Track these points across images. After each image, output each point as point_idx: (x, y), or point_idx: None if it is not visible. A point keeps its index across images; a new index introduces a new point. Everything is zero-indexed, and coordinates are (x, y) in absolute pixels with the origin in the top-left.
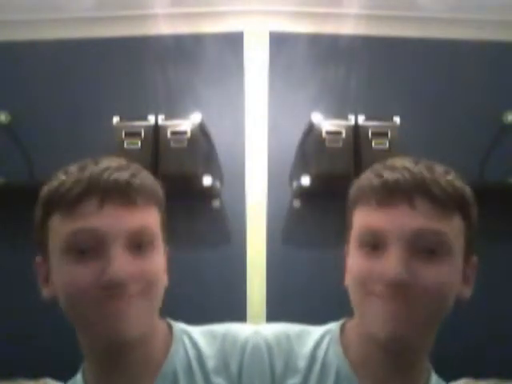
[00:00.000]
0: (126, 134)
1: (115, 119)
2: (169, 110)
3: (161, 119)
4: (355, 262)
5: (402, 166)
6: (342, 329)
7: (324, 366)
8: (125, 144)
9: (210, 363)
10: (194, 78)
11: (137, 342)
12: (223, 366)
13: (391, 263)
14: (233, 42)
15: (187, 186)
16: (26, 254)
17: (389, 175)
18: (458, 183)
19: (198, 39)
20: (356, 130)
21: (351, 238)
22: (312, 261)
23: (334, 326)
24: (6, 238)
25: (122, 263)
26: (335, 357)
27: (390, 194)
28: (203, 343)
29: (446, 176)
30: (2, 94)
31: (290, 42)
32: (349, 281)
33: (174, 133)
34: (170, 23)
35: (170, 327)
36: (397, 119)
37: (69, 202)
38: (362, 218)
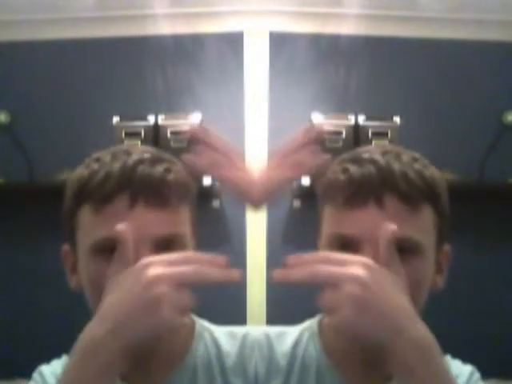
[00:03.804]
0: (126, 134)
1: (115, 119)
2: (169, 110)
3: (161, 119)
4: None
5: (368, 159)
6: (320, 324)
7: (304, 362)
8: (125, 144)
9: (229, 362)
10: (193, 78)
11: (163, 339)
12: (241, 367)
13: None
14: (233, 42)
15: None
16: (25, 254)
17: (355, 171)
18: (427, 172)
19: (197, 39)
20: (356, 129)
21: (322, 235)
22: None
23: (312, 323)
24: (5, 237)
25: None
26: (315, 352)
27: (357, 192)
28: (224, 342)
29: (414, 165)
30: (2, 94)
31: (289, 41)
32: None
33: (173, 133)
34: (170, 23)
35: (192, 322)
36: (397, 119)
37: (100, 197)
38: (331, 221)
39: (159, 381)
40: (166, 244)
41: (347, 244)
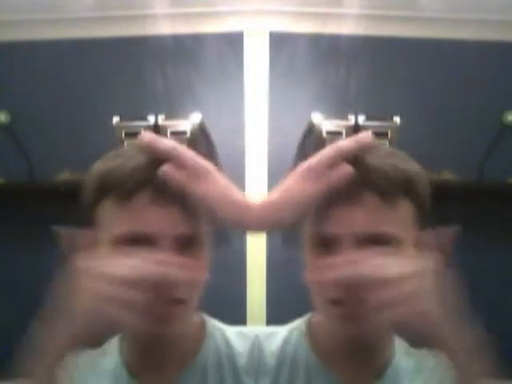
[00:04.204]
0: (126, 134)
1: (115, 119)
2: (169, 110)
3: (161, 119)
4: (309, 263)
5: None
6: (309, 323)
7: (293, 361)
8: (125, 144)
9: (242, 362)
10: (193, 78)
11: (175, 338)
12: (253, 367)
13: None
14: (233, 42)
15: None
16: (25, 254)
17: None
18: (403, 165)
19: (197, 39)
20: (356, 129)
21: (304, 235)
22: None
23: (300, 322)
24: (5, 237)
25: (173, 265)
26: (303, 351)
27: (333, 191)
28: (235, 342)
29: (390, 159)
30: (2, 94)
31: (290, 41)
32: (307, 280)
33: (173, 133)
34: (170, 23)
35: (203, 322)
36: (397, 119)
37: (123, 192)
38: (311, 220)
39: (170, 379)
40: (185, 242)
41: (328, 242)
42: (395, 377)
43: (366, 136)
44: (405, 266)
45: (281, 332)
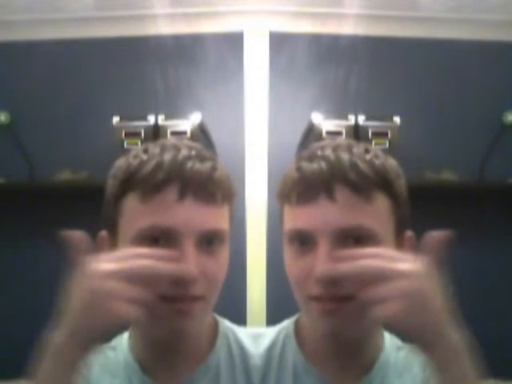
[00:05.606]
0: (126, 134)
1: (115, 119)
2: (169, 110)
3: (161, 119)
4: (288, 260)
5: (320, 155)
6: (297, 323)
7: (281, 361)
8: (125, 144)
9: (253, 363)
10: (193, 78)
11: (190, 335)
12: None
13: (318, 261)
14: (233, 42)
15: None
16: (25, 254)
17: (306, 168)
18: (379, 161)
19: (197, 39)
20: (356, 129)
21: (283, 233)
22: None
23: (289, 322)
24: (5, 238)
25: (194, 262)
26: (291, 351)
27: (308, 188)
28: (246, 342)
29: (365, 156)
30: (2, 93)
31: (290, 41)
32: (288, 279)
33: (173, 133)
34: (170, 23)
35: (216, 321)
36: (397, 119)
37: (149, 186)
38: (289, 218)
39: (183, 378)
40: (208, 239)
41: (305, 240)
42: (383, 373)
43: None
44: (405, 262)
45: (269, 333)
